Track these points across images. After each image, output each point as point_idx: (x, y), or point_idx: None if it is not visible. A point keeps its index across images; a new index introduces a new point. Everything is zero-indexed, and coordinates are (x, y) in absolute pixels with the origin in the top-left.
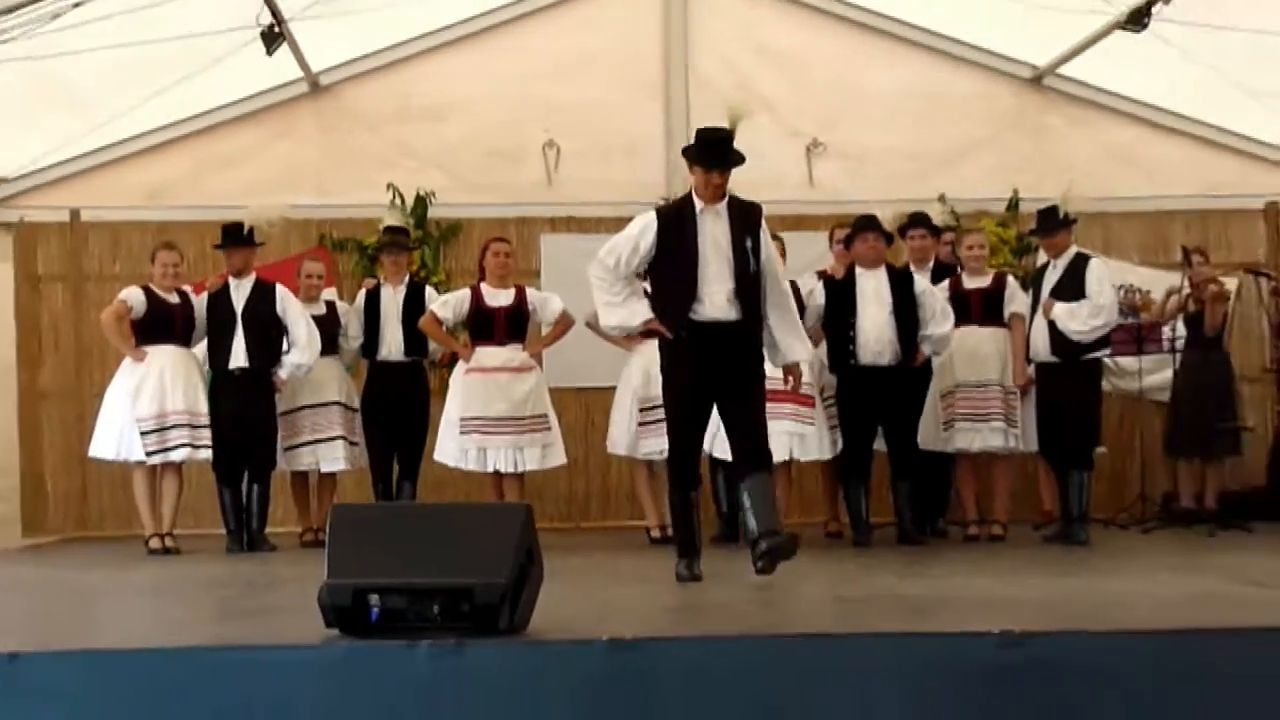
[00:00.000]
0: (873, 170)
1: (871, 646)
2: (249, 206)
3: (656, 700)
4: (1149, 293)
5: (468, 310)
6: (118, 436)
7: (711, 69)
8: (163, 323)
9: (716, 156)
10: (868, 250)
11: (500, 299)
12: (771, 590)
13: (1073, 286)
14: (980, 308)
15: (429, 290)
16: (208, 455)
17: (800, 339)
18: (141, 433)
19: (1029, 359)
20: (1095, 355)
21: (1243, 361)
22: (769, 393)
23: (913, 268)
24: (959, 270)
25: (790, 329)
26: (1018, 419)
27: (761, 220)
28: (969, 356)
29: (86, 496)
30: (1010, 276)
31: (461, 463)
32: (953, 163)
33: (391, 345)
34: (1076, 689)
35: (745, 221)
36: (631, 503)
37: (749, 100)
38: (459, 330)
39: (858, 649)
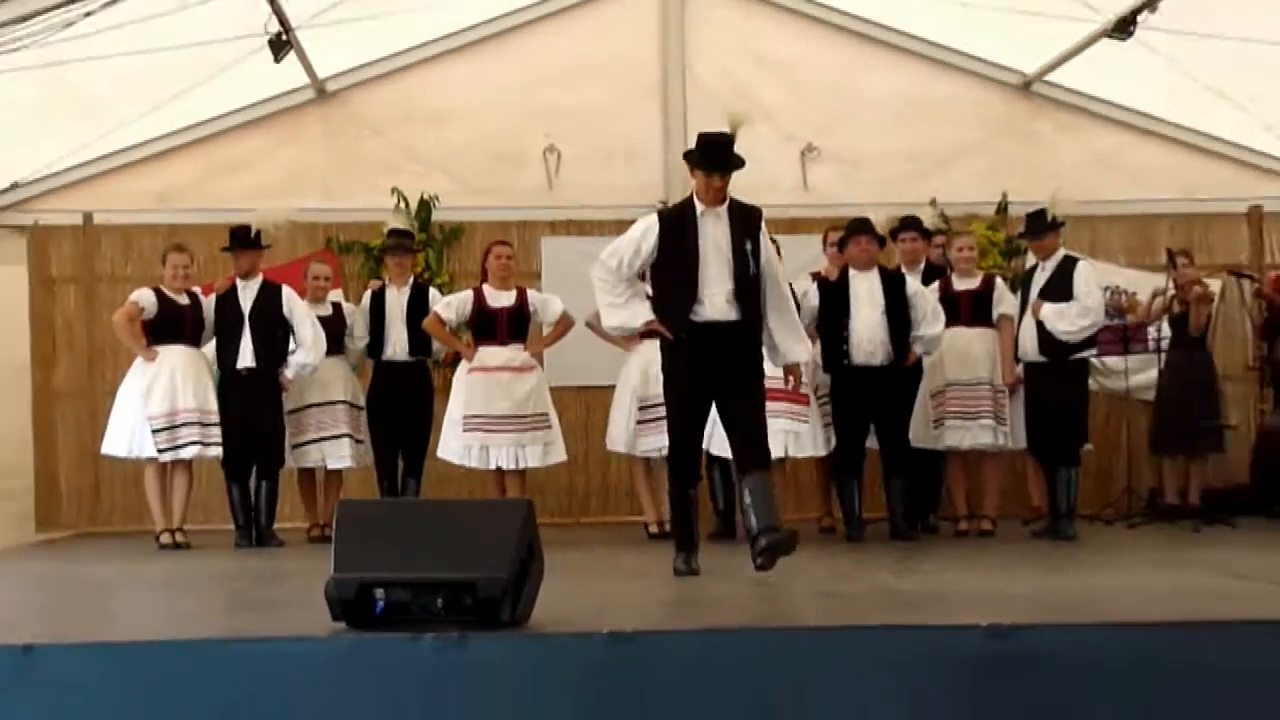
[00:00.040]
0: (866, 174)
1: (864, 639)
2: (256, 210)
3: (655, 692)
4: (1135, 294)
5: (470, 311)
6: (130, 434)
7: (708, 75)
8: (173, 323)
9: (718, 160)
10: (861, 253)
11: (502, 300)
12: (767, 585)
13: (1061, 288)
14: (969, 309)
15: (433, 291)
16: (218, 453)
17: (800, 340)
18: (153, 430)
19: (1017, 359)
20: (1082, 355)
21: (1226, 361)
22: (766, 391)
23: (904, 270)
24: (949, 272)
25: (790, 330)
26: (1007, 417)
27: (762, 224)
28: (959, 356)
29: (99, 493)
30: (998, 278)
31: (464, 460)
32: (944, 167)
33: (396, 345)
34: (1064, 680)
35: (745, 224)
36: (630, 499)
37: (748, 106)
38: (462, 330)
39: (851, 642)
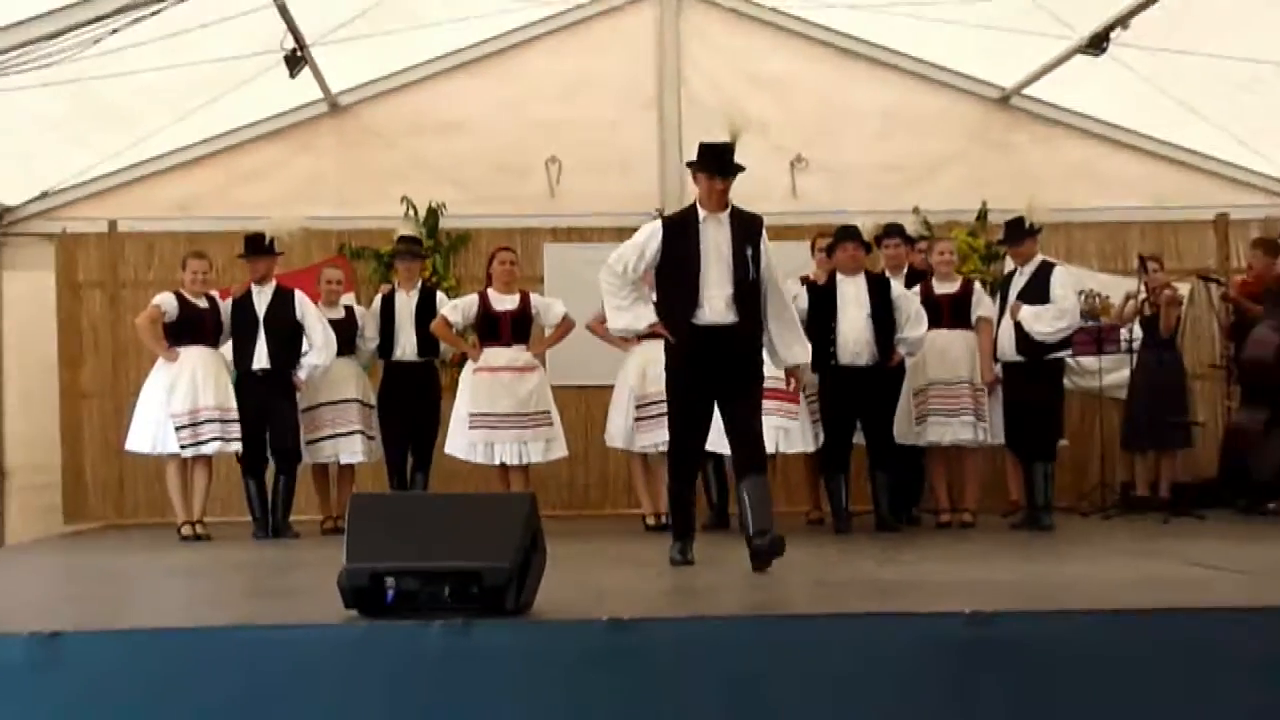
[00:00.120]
0: (852, 183)
1: (851, 626)
2: (270, 218)
3: (652, 676)
4: (1108, 297)
5: (476, 314)
6: (153, 431)
7: (702, 90)
8: (193, 325)
9: (720, 164)
10: (848, 258)
11: (506, 304)
12: (758, 574)
13: (1038, 291)
14: (949, 311)
15: (440, 295)
16: (238, 448)
17: (801, 342)
18: (176, 428)
19: (996, 358)
20: (1058, 355)
21: (1194, 361)
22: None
23: (888, 274)
24: (929, 276)
25: (791, 334)
26: (986, 414)
27: (762, 231)
28: (940, 356)
29: (123, 487)
30: (977, 282)
31: (470, 456)
32: (926, 177)
33: (405, 346)
34: (1041, 664)
35: (747, 231)
36: (628, 492)
37: (745, 114)
38: (468, 332)
39: (838, 628)
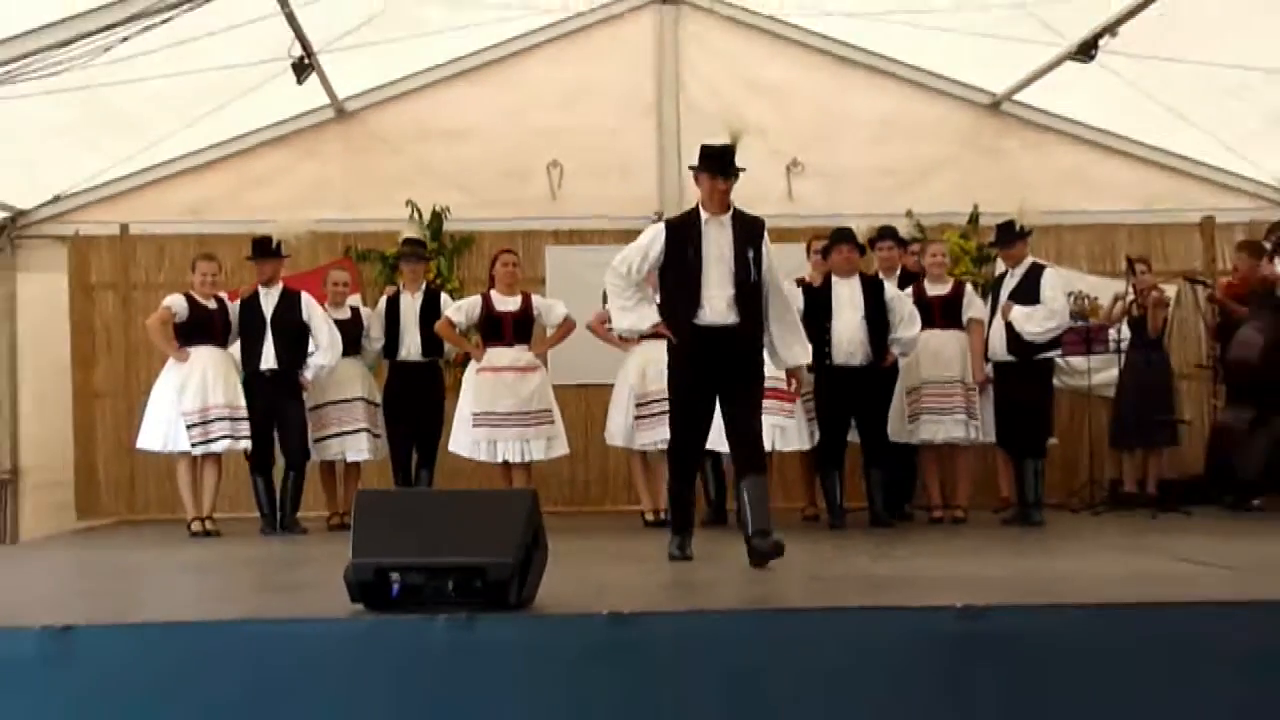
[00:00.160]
0: (847, 187)
1: (846, 620)
2: (277, 221)
3: (651, 668)
4: (1097, 299)
5: (479, 315)
6: (164, 430)
7: (700, 97)
8: (203, 326)
9: (721, 165)
10: (843, 260)
11: (509, 305)
12: (755, 570)
13: (1029, 293)
14: (941, 312)
15: (444, 297)
16: (247, 445)
17: (801, 343)
18: (187, 426)
19: (987, 358)
20: (1048, 355)
21: (1181, 361)
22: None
23: (882, 276)
24: (922, 278)
25: (792, 335)
26: (978, 413)
27: (764, 233)
28: (933, 356)
29: (134, 484)
30: (968, 284)
31: (474, 453)
32: (919, 181)
33: (410, 346)
34: (1032, 657)
35: (748, 233)
36: (628, 489)
37: (744, 119)
38: (471, 333)
39: (833, 622)
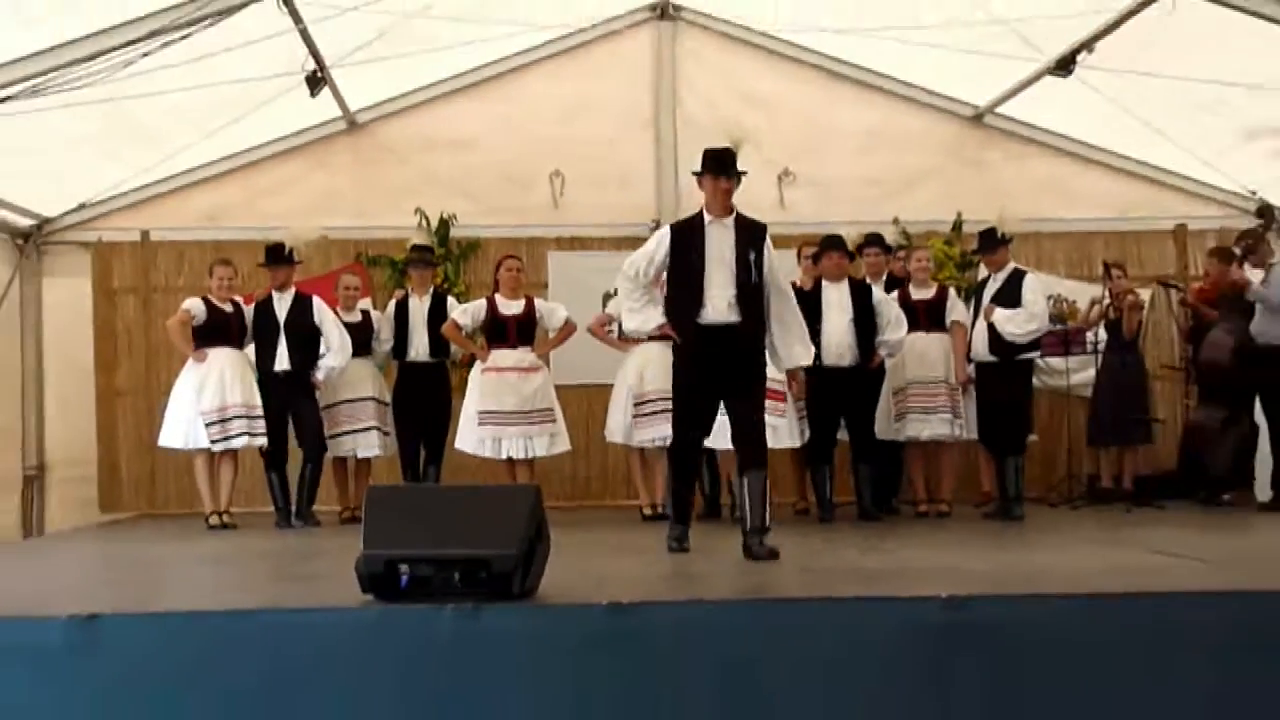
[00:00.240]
0: (836, 196)
1: (837, 609)
2: (289, 228)
3: (650, 656)
4: (1074, 302)
5: (484, 318)
6: (184, 428)
7: (696, 109)
8: (220, 328)
9: (724, 165)
10: (832, 266)
11: (512, 308)
12: (749, 561)
13: (1010, 296)
14: (925, 316)
15: (450, 300)
16: (263, 442)
17: (802, 344)
18: (206, 424)
19: (969, 359)
20: (1028, 356)
21: (1155, 362)
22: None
23: (869, 281)
24: (907, 283)
25: (793, 336)
26: (961, 411)
27: (766, 237)
28: (918, 358)
29: (155, 480)
30: (952, 289)
31: (479, 451)
32: (905, 190)
33: (418, 348)
34: (1013, 644)
35: (750, 236)
36: (627, 484)
37: (742, 127)
38: (476, 335)
39: (824, 611)
